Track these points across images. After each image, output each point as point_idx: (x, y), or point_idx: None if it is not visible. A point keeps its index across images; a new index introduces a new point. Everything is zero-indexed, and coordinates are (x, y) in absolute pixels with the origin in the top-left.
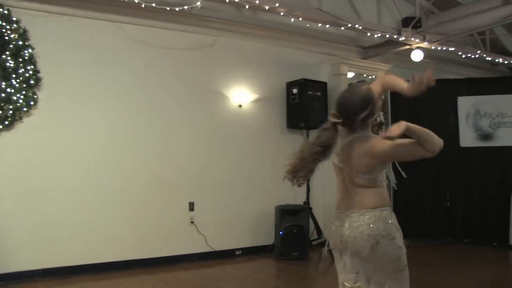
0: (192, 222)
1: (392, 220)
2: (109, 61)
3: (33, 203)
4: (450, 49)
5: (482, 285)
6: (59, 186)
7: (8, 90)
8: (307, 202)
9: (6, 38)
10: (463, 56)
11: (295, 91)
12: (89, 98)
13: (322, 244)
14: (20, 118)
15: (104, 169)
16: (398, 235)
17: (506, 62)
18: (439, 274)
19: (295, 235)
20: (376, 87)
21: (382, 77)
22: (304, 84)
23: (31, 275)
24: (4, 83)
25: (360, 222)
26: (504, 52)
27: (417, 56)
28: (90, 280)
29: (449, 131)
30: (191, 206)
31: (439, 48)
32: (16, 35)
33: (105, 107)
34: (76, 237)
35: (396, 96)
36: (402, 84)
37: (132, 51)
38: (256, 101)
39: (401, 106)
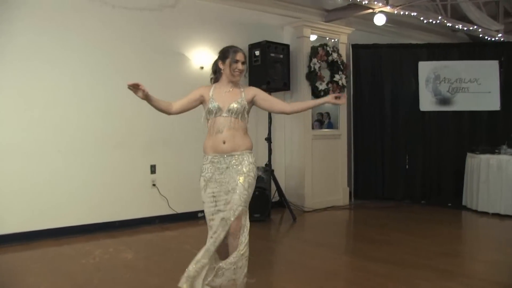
0: (154, 185)
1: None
2: (67, 21)
3: None
4: (412, 14)
5: (438, 243)
6: (14, 149)
7: None
8: (268, 164)
9: None
10: (425, 21)
11: (257, 53)
12: (44, 58)
13: (282, 205)
14: None
15: (62, 130)
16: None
17: (465, 28)
18: (395, 235)
19: (257, 197)
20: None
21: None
22: (266, 46)
23: None
24: None
25: None
26: (464, 19)
27: (379, 20)
28: (51, 245)
29: (409, 95)
30: (153, 169)
31: (401, 13)
32: None
33: (61, 68)
34: (35, 202)
35: (357, 59)
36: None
37: (91, 11)
38: None
39: (362, 69)
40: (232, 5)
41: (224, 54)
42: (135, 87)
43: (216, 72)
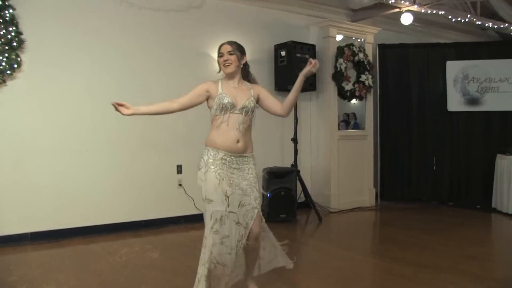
0: (180, 185)
1: (204, 157)
2: (94, 23)
3: (19, 167)
4: (440, 12)
5: (466, 246)
6: (45, 149)
7: None
8: (294, 165)
9: None
10: (453, 20)
11: (283, 53)
12: (72, 60)
13: (308, 205)
14: (4, 81)
15: (91, 132)
16: (203, 169)
17: (495, 26)
18: (422, 237)
19: (283, 198)
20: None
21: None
22: (292, 47)
23: (20, 239)
24: None
25: None
26: (494, 17)
27: (406, 19)
28: (79, 243)
29: (437, 95)
30: (179, 169)
31: (429, 12)
32: None
33: (89, 70)
34: (64, 201)
35: (384, 59)
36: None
37: (118, 13)
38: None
39: (389, 69)
40: (258, 6)
41: (217, 52)
42: (119, 105)
43: (220, 70)
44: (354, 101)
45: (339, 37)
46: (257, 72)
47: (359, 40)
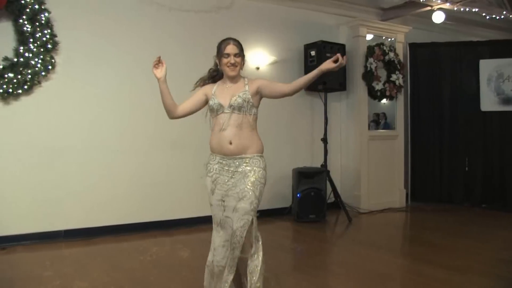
0: None
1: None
2: (125, 24)
3: (52, 165)
4: (473, 10)
5: (500, 249)
6: (77, 149)
7: (26, 54)
8: (324, 165)
9: (23, 2)
10: (487, 17)
11: (313, 53)
12: (104, 61)
13: (338, 206)
14: (39, 82)
15: (121, 131)
16: (206, 175)
17: None
18: (454, 239)
19: (313, 198)
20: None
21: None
22: (322, 46)
23: (54, 235)
24: (22, 48)
25: None
26: None
27: (438, 17)
28: (111, 241)
29: (470, 95)
30: None
31: (461, 9)
32: None
33: (121, 71)
34: (96, 199)
35: (415, 58)
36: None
37: (149, 15)
38: (274, 63)
39: (420, 69)
40: (287, 6)
41: (217, 49)
42: (159, 63)
43: (218, 69)
44: (384, 101)
45: (369, 37)
46: (286, 72)
47: (389, 39)
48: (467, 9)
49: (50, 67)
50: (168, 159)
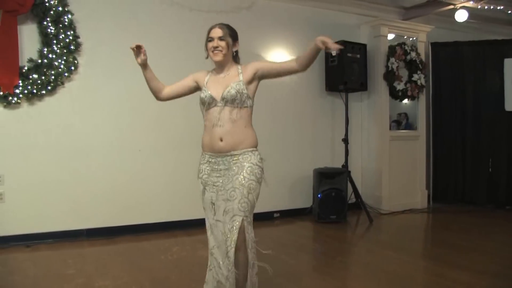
0: None
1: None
2: (147, 25)
3: (75, 165)
4: (498, 7)
5: None
6: (100, 148)
7: (50, 55)
8: (345, 165)
9: (47, 4)
10: None
11: (334, 53)
12: (126, 62)
13: (359, 206)
14: (62, 83)
15: (144, 132)
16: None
17: None
18: (478, 242)
19: (333, 198)
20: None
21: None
22: (343, 46)
23: (76, 234)
24: (46, 49)
25: None
26: None
27: (461, 16)
28: (132, 240)
29: (494, 95)
30: None
31: (486, 7)
32: (56, 1)
33: (139, 71)
34: (117, 198)
35: (437, 58)
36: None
37: (170, 15)
38: None
39: (442, 68)
40: (308, 5)
41: (206, 35)
42: (138, 49)
43: (208, 56)
44: (406, 101)
45: (390, 36)
46: (307, 73)
47: (411, 38)
48: (491, 7)
49: (73, 68)
50: (189, 159)
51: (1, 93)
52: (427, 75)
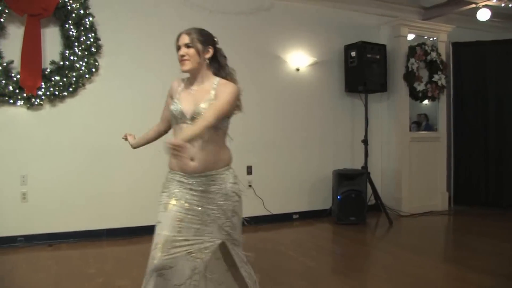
0: (249, 186)
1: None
2: (166, 27)
3: (95, 166)
4: None
5: None
6: (120, 149)
7: (72, 58)
8: (365, 167)
9: (69, 7)
10: None
11: (353, 54)
12: (146, 64)
13: (378, 208)
14: (83, 84)
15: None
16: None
17: None
18: (502, 245)
19: (353, 200)
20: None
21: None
22: (362, 47)
23: (97, 234)
24: (67, 51)
25: None
26: None
27: (483, 15)
28: (151, 241)
29: None
30: (249, 170)
31: (510, 5)
32: (78, 4)
33: (162, 73)
34: (137, 198)
35: (458, 58)
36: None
37: (189, 17)
38: (314, 64)
39: (464, 69)
40: (327, 6)
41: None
42: (127, 138)
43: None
44: (426, 101)
45: (410, 36)
46: (327, 74)
47: (431, 39)
48: None
49: (93, 69)
50: None
51: (25, 95)
52: (447, 75)
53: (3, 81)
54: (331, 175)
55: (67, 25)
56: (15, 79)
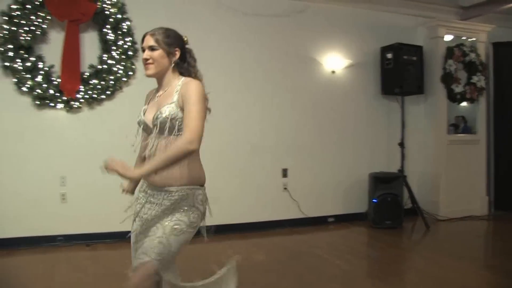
0: (285, 189)
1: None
2: (202, 30)
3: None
4: None
5: None
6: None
7: (109, 61)
8: (401, 170)
9: (107, 12)
10: None
11: (389, 56)
12: None
13: (415, 212)
14: (120, 88)
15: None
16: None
17: None
18: None
19: (389, 204)
20: None
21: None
22: (399, 49)
23: (121, 236)
24: (105, 55)
25: None
26: None
27: None
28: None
29: None
30: (284, 173)
31: None
32: (116, 9)
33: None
34: None
35: (499, 58)
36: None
37: (225, 20)
38: (350, 66)
39: (505, 69)
40: (363, 8)
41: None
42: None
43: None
44: (464, 103)
45: (448, 37)
46: (362, 76)
47: (470, 39)
48: None
49: (130, 73)
50: (244, 163)
51: (64, 98)
52: (487, 77)
53: (45, 85)
54: (367, 178)
55: (105, 30)
56: (55, 83)
